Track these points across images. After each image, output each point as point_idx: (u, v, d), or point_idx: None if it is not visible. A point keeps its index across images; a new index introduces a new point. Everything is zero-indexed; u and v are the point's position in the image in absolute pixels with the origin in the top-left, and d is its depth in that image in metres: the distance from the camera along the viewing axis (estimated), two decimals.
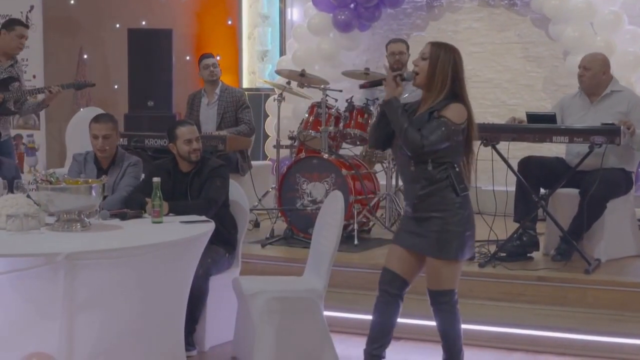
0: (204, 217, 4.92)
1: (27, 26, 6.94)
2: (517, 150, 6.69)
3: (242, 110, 7.63)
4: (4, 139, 6.73)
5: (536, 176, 6.16)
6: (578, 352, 5.19)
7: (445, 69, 4.22)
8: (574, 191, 6.10)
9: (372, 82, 4.68)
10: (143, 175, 5.52)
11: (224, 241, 5.31)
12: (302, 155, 6.99)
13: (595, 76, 6.21)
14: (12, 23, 6.82)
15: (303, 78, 7.38)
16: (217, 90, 7.67)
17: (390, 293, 4.40)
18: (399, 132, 4.19)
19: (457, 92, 4.27)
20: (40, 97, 6.84)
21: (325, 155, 6.78)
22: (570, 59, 8.12)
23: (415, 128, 4.17)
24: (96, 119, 5.57)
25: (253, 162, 7.78)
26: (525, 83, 8.91)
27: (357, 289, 5.94)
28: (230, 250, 5.39)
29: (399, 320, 5.45)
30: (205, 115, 7.67)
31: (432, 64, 4.23)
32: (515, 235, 6.11)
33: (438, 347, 5.18)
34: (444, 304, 4.37)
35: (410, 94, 7.35)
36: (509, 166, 6.08)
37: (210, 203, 5.20)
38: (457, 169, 4.26)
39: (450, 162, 4.24)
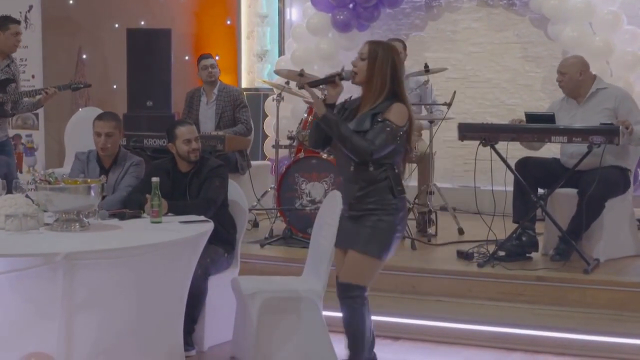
0: (202, 217, 4.92)
1: (19, 22, 6.88)
2: (516, 151, 6.70)
3: (240, 109, 7.64)
4: (1, 140, 6.71)
5: (534, 176, 6.16)
6: (577, 352, 5.19)
7: (384, 69, 4.17)
8: (573, 191, 6.10)
9: (312, 82, 4.59)
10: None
11: (222, 241, 5.31)
12: (301, 155, 6.98)
13: (572, 80, 6.22)
14: (5, 22, 6.75)
15: (302, 78, 7.37)
16: (215, 90, 7.69)
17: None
18: (343, 143, 4.12)
19: (396, 92, 4.21)
20: (37, 96, 6.82)
21: (324, 155, 6.77)
22: None
23: (359, 135, 4.10)
24: (100, 116, 5.59)
25: (252, 162, 7.78)
26: (524, 83, 8.91)
27: None
28: (229, 250, 5.39)
29: (398, 320, 5.47)
30: (204, 114, 7.70)
31: (370, 64, 4.18)
32: (514, 235, 6.11)
33: (437, 347, 5.20)
34: (352, 298, 4.27)
35: (415, 88, 7.36)
36: (508, 166, 6.08)
37: (209, 203, 5.20)
38: (396, 171, 4.21)
39: (390, 163, 4.19)
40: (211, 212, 5.12)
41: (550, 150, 7.00)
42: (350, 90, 4.35)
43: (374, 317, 5.56)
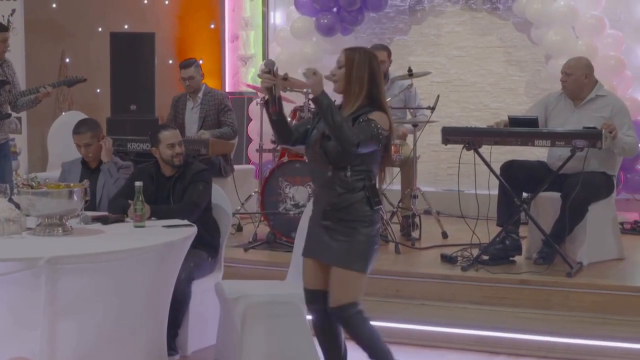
0: (186, 221, 4.91)
1: (7, 29, 6.92)
2: (500, 154, 6.72)
3: (225, 113, 7.62)
4: (0, 142, 6.73)
5: (518, 180, 6.17)
6: (560, 355, 5.20)
7: (361, 72, 4.12)
8: (556, 194, 6.12)
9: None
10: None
11: (206, 245, 5.30)
12: (285, 159, 6.97)
13: (577, 81, 6.21)
14: None
15: (286, 82, 7.35)
16: (200, 94, 7.67)
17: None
18: (334, 128, 4.00)
19: (375, 97, 4.15)
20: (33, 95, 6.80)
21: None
22: (552, 62, 8.16)
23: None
24: (76, 130, 5.76)
25: (236, 166, 7.77)
26: (508, 87, 8.93)
27: None
28: (212, 254, 5.38)
29: (382, 324, 5.45)
30: (190, 118, 7.68)
31: (348, 69, 4.14)
32: (498, 238, 6.12)
33: (421, 351, 5.21)
34: (353, 316, 4.17)
35: (399, 93, 7.35)
36: (492, 170, 6.09)
37: (193, 207, 5.19)
38: (373, 182, 4.15)
39: (367, 170, 4.13)
40: (195, 216, 5.12)
41: (533, 153, 7.03)
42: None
43: None
